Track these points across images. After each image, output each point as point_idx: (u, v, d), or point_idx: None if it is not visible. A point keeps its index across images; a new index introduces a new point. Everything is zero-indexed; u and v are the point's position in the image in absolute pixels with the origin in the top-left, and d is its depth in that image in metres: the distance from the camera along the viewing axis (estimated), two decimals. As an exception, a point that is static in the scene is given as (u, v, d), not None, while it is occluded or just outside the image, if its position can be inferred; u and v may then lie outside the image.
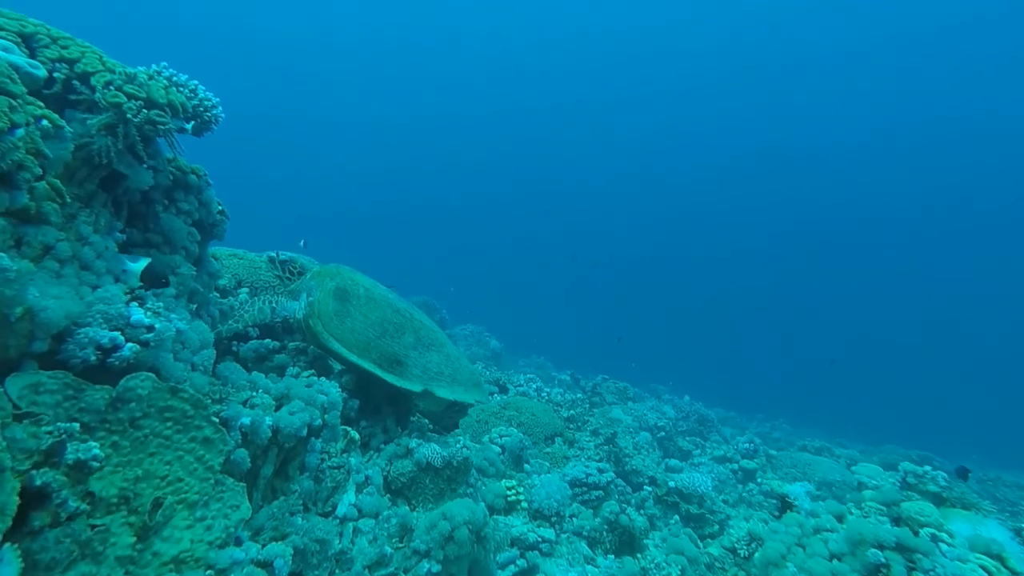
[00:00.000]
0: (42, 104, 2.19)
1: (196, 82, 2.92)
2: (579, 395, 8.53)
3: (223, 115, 3.05)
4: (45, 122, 2.16)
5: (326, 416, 3.37)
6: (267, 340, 4.40)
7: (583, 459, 6.24)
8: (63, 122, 2.24)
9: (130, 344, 2.39)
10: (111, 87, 2.41)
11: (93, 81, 2.39)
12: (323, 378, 3.65)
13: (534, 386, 8.30)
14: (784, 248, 55.17)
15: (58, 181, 2.36)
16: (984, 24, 36.75)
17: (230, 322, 4.01)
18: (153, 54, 2.95)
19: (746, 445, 7.84)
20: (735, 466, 7.60)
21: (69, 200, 2.46)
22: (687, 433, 10.81)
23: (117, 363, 2.33)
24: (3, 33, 2.31)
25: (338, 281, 4.36)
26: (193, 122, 2.91)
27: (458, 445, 4.09)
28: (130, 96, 2.43)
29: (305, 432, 3.19)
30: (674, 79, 48.28)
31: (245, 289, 4.66)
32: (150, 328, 2.48)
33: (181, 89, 2.83)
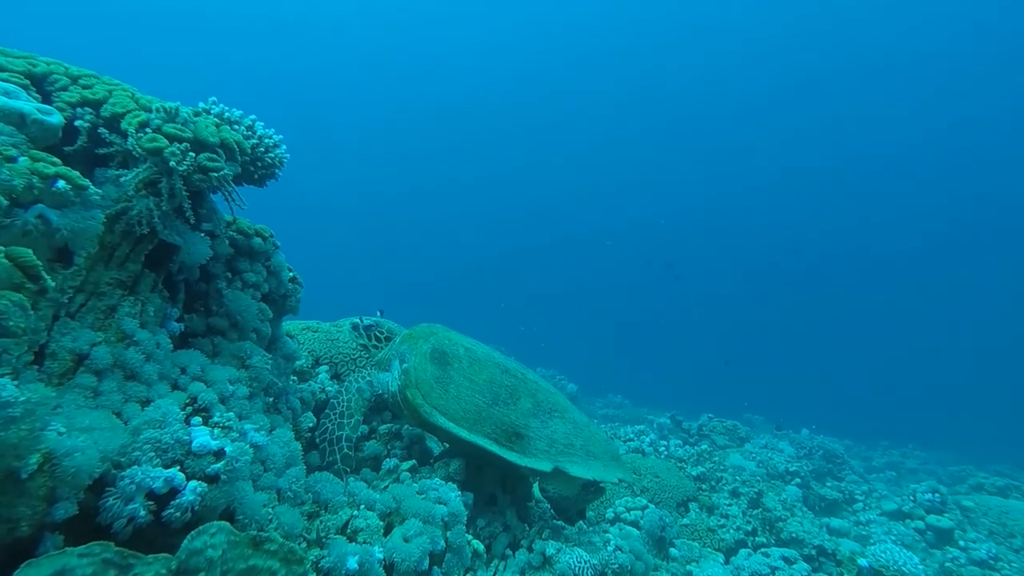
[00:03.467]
0: (56, 160, 1.56)
1: (253, 116, 2.31)
2: (704, 446, 7.26)
3: (288, 156, 2.42)
4: (62, 183, 1.52)
5: (448, 534, 2.50)
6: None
7: (731, 528, 5.00)
8: (86, 181, 1.59)
9: (193, 483, 1.64)
10: (147, 129, 1.77)
11: (124, 124, 1.78)
12: (436, 478, 2.81)
13: (647, 439, 7.10)
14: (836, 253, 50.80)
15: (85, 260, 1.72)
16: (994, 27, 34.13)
17: (335, 422, 3.33)
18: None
19: (928, 496, 6.18)
20: (919, 524, 5.96)
21: (106, 288, 1.80)
22: (818, 475, 9.15)
23: (178, 515, 1.59)
24: (4, 75, 1.75)
25: (434, 342, 3.60)
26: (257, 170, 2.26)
27: (609, 548, 3.09)
28: (172, 138, 1.79)
29: (427, 564, 2.32)
30: (677, 82, 47.06)
31: (324, 367, 3.98)
32: (219, 454, 1.74)
33: (235, 127, 2.21)
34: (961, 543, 5.54)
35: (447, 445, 3.82)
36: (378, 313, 5.42)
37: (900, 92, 40.55)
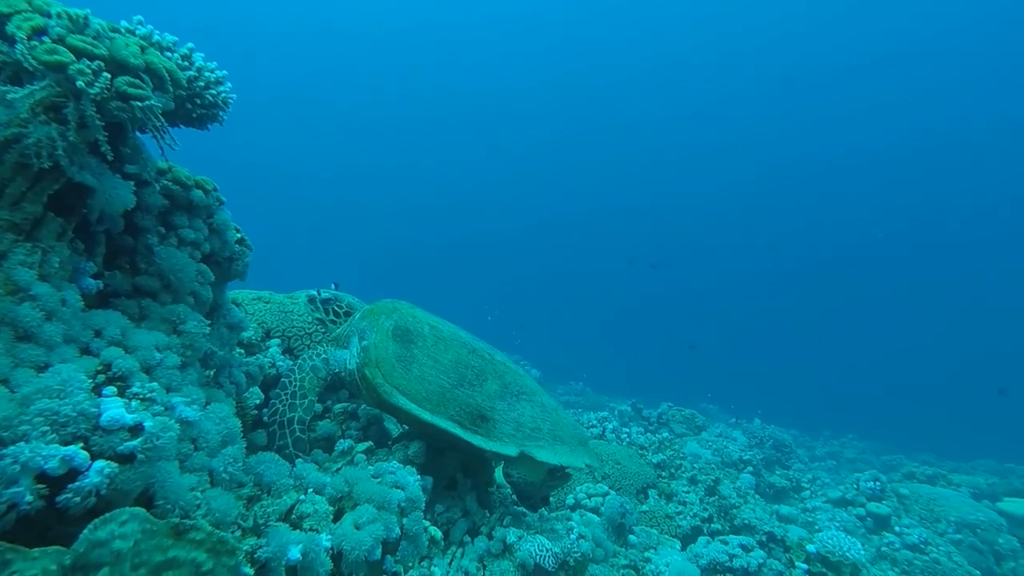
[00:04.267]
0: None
1: (191, 45, 1.99)
2: (665, 434, 7.33)
3: (234, 96, 2.12)
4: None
5: (405, 521, 2.31)
6: (305, 405, 3.38)
7: (687, 515, 5.06)
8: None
9: (100, 463, 1.39)
10: (43, 37, 1.47)
11: (10, 28, 1.46)
12: (394, 461, 2.61)
13: (610, 426, 7.10)
14: (801, 252, 53.03)
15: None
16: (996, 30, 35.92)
17: (286, 402, 3.06)
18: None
19: (870, 484, 6.47)
20: (860, 511, 6.24)
21: (-4, 229, 1.50)
22: (768, 463, 9.50)
23: (77, 500, 1.33)
24: None
25: (397, 319, 3.37)
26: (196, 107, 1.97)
27: (572, 536, 2.99)
28: (80, 53, 1.49)
29: (379, 552, 2.13)
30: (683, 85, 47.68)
31: (276, 341, 3.68)
32: (136, 429, 1.48)
33: (168, 55, 1.89)
34: (896, 528, 5.83)
35: (407, 427, 3.62)
36: (332, 286, 5.11)
37: (896, 89, 41.93)
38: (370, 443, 3.28)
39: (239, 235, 2.77)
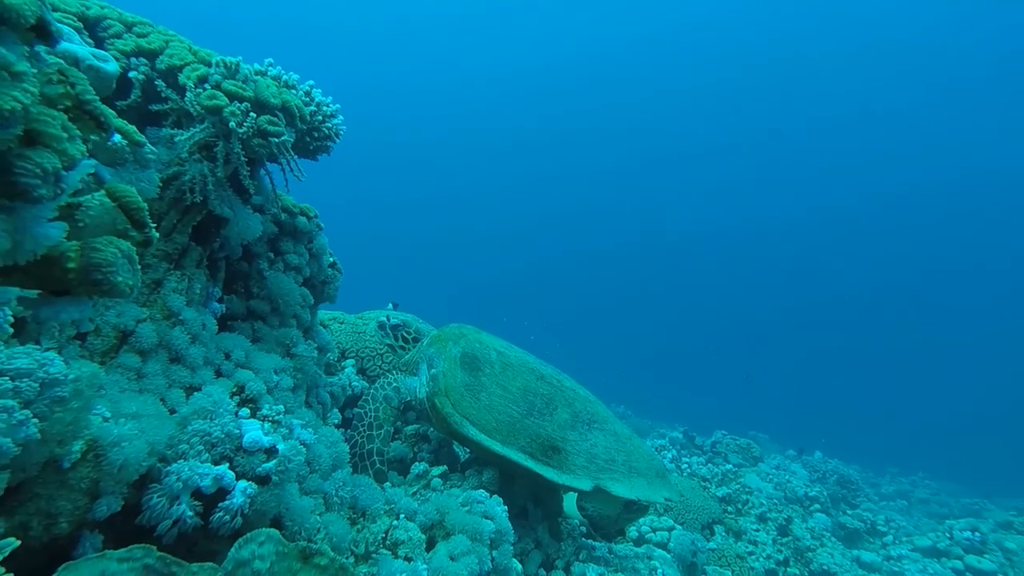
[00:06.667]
0: (111, 112, 1.38)
1: (312, 82, 2.13)
2: (729, 466, 7.02)
3: (344, 127, 2.24)
4: (118, 137, 1.34)
5: (495, 553, 2.29)
6: (380, 426, 3.44)
7: (760, 556, 4.78)
8: (143, 138, 1.41)
9: (243, 484, 1.45)
10: (205, 85, 1.59)
11: (182, 78, 1.60)
12: (481, 491, 2.60)
13: (668, 455, 6.87)
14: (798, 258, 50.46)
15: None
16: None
17: (364, 434, 3.14)
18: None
19: (968, 534, 5.88)
20: (957, 563, 5.65)
21: (151, 260, 1.62)
22: (833, 500, 8.90)
23: (227, 520, 1.39)
24: (58, 15, 1.57)
25: (464, 345, 3.39)
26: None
27: (654, 574, 2.87)
28: (232, 96, 1.61)
29: (475, 584, 2.11)
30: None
31: (351, 361, 3.78)
32: (271, 451, 1.54)
33: (294, 91, 2.03)
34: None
35: (475, 455, 3.61)
36: (390, 305, 5.21)
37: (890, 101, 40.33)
38: (444, 467, 3.28)
39: (332, 259, 2.89)
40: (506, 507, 3.04)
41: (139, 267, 0.99)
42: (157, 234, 1.11)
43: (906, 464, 15.93)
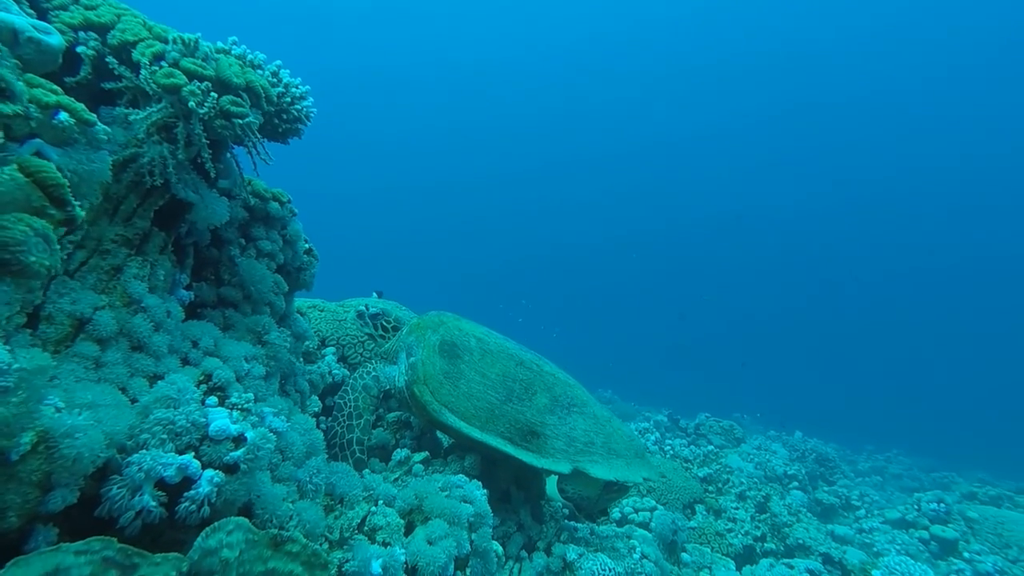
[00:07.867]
0: (57, 88, 1.31)
1: (279, 62, 2.06)
2: (710, 447, 7.15)
3: (315, 110, 2.17)
4: (64, 115, 1.27)
5: (474, 536, 2.30)
6: (362, 413, 3.42)
7: (739, 533, 4.90)
8: (93, 116, 1.35)
9: (210, 472, 1.42)
10: (162, 63, 1.53)
11: (135, 55, 1.52)
12: (461, 475, 2.60)
13: (651, 437, 6.98)
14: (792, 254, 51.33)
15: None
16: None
17: (344, 424, 3.12)
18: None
19: (934, 505, 6.11)
20: (923, 533, 5.90)
21: (110, 245, 1.56)
22: (811, 478, 9.16)
23: (193, 509, 1.36)
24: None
25: (443, 333, 3.38)
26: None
27: (635, 555, 2.93)
28: (192, 75, 1.54)
29: (452, 569, 2.13)
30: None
31: (331, 349, 3.74)
32: (239, 440, 1.51)
33: (259, 71, 1.96)
34: (966, 555, 5.51)
35: (455, 441, 3.62)
36: (374, 295, 5.17)
37: (887, 98, 40.71)
38: (426, 453, 3.29)
39: (307, 245, 2.83)
40: (487, 491, 3.06)
41: (58, 247, 0.95)
42: (82, 212, 1.06)
43: (883, 441, 16.44)
